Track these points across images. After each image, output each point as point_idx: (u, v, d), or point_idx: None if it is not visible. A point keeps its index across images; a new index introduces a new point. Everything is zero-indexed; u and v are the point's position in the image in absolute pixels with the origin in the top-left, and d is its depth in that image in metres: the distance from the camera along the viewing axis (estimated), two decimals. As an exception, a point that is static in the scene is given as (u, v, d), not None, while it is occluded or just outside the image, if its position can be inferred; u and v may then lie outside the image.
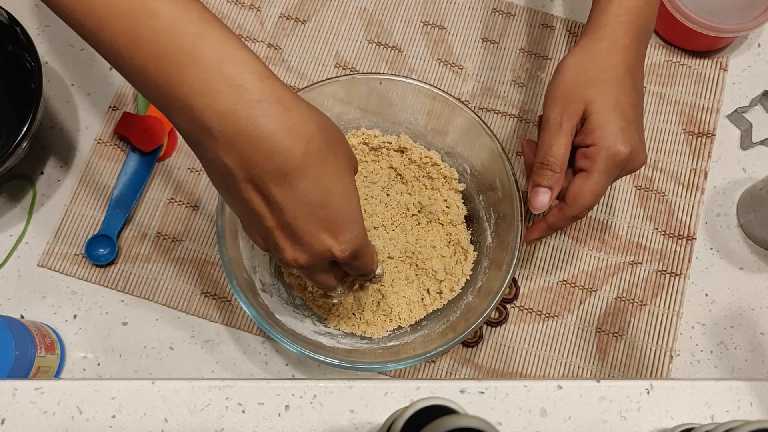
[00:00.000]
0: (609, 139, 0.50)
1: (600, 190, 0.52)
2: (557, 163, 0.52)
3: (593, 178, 0.51)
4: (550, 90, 0.53)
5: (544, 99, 0.54)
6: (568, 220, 0.53)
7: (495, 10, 0.73)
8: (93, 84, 0.69)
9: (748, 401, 0.44)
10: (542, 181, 0.52)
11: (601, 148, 0.50)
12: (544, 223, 0.55)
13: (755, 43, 0.72)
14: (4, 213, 0.65)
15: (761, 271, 0.65)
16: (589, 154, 0.51)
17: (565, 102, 0.52)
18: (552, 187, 0.52)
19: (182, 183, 0.66)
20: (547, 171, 0.52)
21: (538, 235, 0.56)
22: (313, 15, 0.72)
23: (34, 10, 0.70)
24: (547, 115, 0.53)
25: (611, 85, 0.51)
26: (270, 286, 0.59)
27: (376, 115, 0.62)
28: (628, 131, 0.51)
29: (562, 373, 0.62)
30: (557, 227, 0.55)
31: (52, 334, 0.60)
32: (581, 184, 0.52)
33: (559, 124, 0.52)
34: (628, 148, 0.50)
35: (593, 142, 0.51)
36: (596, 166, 0.51)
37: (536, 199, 0.53)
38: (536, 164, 0.53)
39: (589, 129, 0.51)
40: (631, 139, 0.51)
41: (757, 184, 0.64)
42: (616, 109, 0.51)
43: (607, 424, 0.44)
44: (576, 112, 0.51)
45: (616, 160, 0.50)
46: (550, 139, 0.52)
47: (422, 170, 0.62)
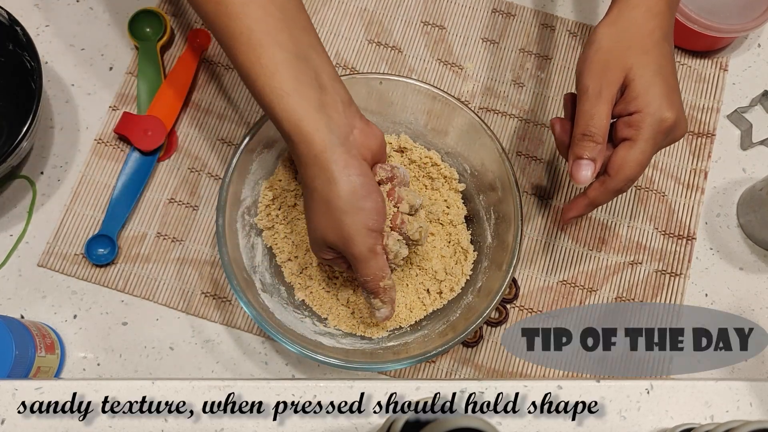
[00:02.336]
0: (654, 104, 0.48)
1: (646, 160, 0.49)
2: (599, 133, 0.49)
3: (639, 146, 0.49)
4: (585, 59, 0.51)
5: (578, 69, 0.52)
6: (612, 194, 0.51)
7: (495, 10, 0.73)
8: (93, 84, 0.69)
9: (748, 401, 0.44)
10: (584, 153, 0.50)
11: (646, 115, 0.48)
12: (584, 199, 0.53)
13: (755, 43, 0.72)
14: (4, 213, 0.65)
15: (761, 271, 0.65)
16: (633, 121, 0.49)
17: (604, 70, 0.50)
18: (595, 159, 0.50)
19: (182, 183, 0.66)
20: (589, 142, 0.50)
21: (577, 213, 0.54)
22: (313, 15, 0.72)
23: (35, 10, 0.70)
24: (584, 85, 0.50)
25: (651, 50, 0.49)
26: (270, 286, 0.59)
27: (376, 115, 0.62)
28: (672, 97, 0.49)
29: (562, 373, 0.62)
30: (599, 203, 0.52)
31: (52, 334, 0.60)
32: (626, 154, 0.49)
33: (598, 93, 0.49)
34: (674, 114, 0.48)
35: (637, 108, 0.49)
36: (642, 133, 0.49)
37: (579, 172, 0.50)
38: (576, 136, 0.51)
39: (632, 96, 0.49)
40: (675, 105, 0.49)
41: (757, 185, 0.64)
42: (658, 74, 0.49)
43: (607, 424, 0.44)
44: (616, 80, 0.49)
45: (662, 126, 0.48)
46: (590, 108, 0.49)
47: (422, 170, 0.62)
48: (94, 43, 0.70)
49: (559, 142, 0.54)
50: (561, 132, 0.54)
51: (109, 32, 0.70)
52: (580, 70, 0.52)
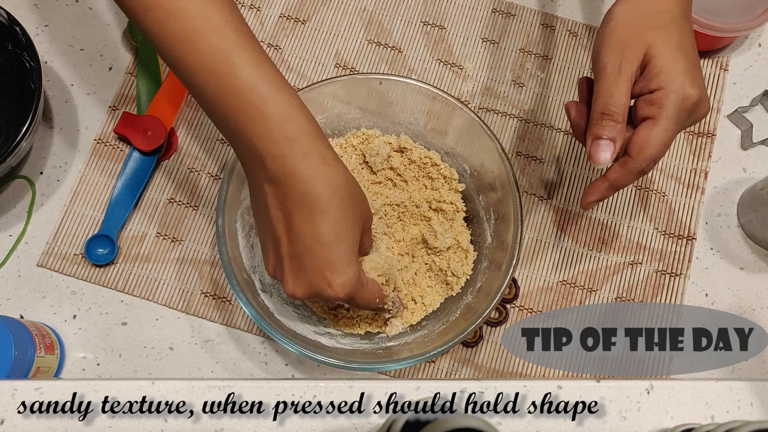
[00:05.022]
0: (677, 81, 0.47)
1: (669, 139, 0.48)
2: (619, 111, 0.48)
3: (662, 124, 0.47)
4: (603, 36, 0.50)
5: (595, 48, 0.50)
6: (634, 176, 0.49)
7: (495, 10, 0.73)
8: (93, 84, 0.69)
9: (748, 401, 0.44)
10: (603, 133, 0.48)
11: (669, 92, 0.47)
12: (604, 182, 0.51)
13: (756, 43, 0.72)
14: (4, 213, 0.65)
15: (761, 271, 0.65)
16: (655, 99, 0.47)
17: (623, 47, 0.48)
18: (614, 139, 0.48)
19: (182, 183, 0.66)
20: (609, 121, 0.48)
21: (598, 197, 0.52)
22: (313, 15, 0.72)
23: (34, 10, 0.70)
24: (602, 63, 0.49)
25: (671, 26, 0.48)
26: (270, 286, 0.59)
27: (375, 115, 0.62)
28: (694, 73, 0.47)
29: (562, 373, 0.62)
30: (620, 185, 0.50)
31: (51, 334, 0.60)
32: (648, 133, 0.47)
33: (618, 71, 0.48)
34: (697, 91, 0.47)
35: (659, 85, 0.47)
36: (664, 111, 0.47)
37: (598, 153, 0.48)
38: (595, 116, 0.49)
39: (653, 73, 0.47)
40: (698, 81, 0.47)
41: (757, 184, 0.64)
42: (680, 49, 0.47)
43: (607, 424, 0.44)
44: (636, 57, 0.48)
45: (686, 103, 0.47)
46: (609, 87, 0.48)
47: (422, 170, 0.62)
48: (93, 43, 0.70)
49: (575, 126, 0.52)
50: (577, 116, 0.52)
51: (108, 32, 0.70)
52: (598, 48, 0.50)
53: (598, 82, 0.49)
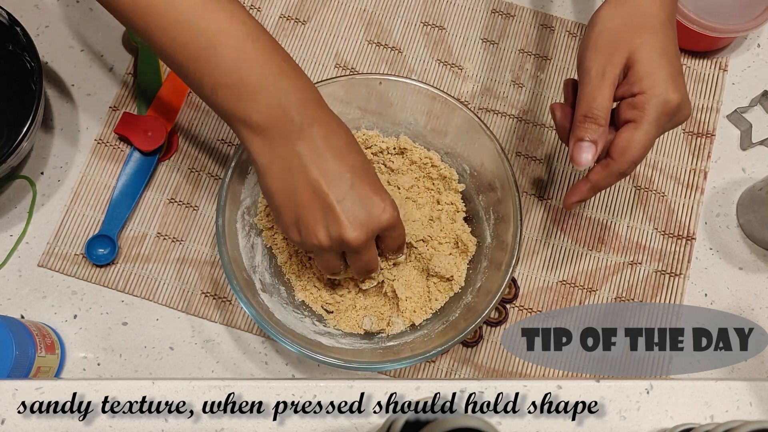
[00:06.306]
0: (660, 86, 0.48)
1: (650, 142, 0.49)
2: (602, 115, 0.49)
3: (643, 128, 0.48)
4: (588, 40, 0.51)
5: (580, 51, 0.51)
6: (615, 178, 0.50)
7: (495, 11, 0.73)
8: (93, 84, 0.69)
9: (747, 401, 0.44)
10: (586, 135, 0.49)
11: (651, 96, 0.48)
12: (586, 183, 0.52)
13: (755, 44, 0.72)
14: (4, 213, 0.65)
15: (761, 271, 0.65)
16: (638, 103, 0.48)
17: (608, 51, 0.49)
18: (596, 142, 0.49)
19: (182, 183, 0.66)
20: (591, 124, 0.49)
21: (579, 198, 0.53)
22: (313, 15, 0.72)
23: (35, 11, 0.71)
24: (587, 66, 0.50)
25: (657, 32, 0.49)
26: (270, 286, 0.59)
27: (375, 116, 0.62)
28: (677, 79, 0.48)
29: (562, 372, 0.62)
30: (601, 187, 0.52)
31: (52, 334, 0.60)
32: (630, 136, 0.49)
33: (601, 74, 0.49)
34: (679, 96, 0.48)
35: (642, 90, 0.48)
36: (646, 115, 0.48)
37: (579, 155, 0.50)
38: (578, 118, 0.50)
39: (636, 77, 0.48)
40: (680, 87, 0.48)
41: (756, 185, 0.64)
42: (664, 55, 0.48)
43: (607, 424, 0.44)
44: (619, 61, 0.49)
45: (667, 108, 0.48)
46: (592, 90, 0.49)
47: (422, 171, 0.62)
48: (94, 43, 0.70)
49: (560, 127, 0.53)
50: (562, 117, 0.53)
51: (109, 33, 0.70)
52: (582, 51, 0.51)
53: (582, 85, 0.50)
